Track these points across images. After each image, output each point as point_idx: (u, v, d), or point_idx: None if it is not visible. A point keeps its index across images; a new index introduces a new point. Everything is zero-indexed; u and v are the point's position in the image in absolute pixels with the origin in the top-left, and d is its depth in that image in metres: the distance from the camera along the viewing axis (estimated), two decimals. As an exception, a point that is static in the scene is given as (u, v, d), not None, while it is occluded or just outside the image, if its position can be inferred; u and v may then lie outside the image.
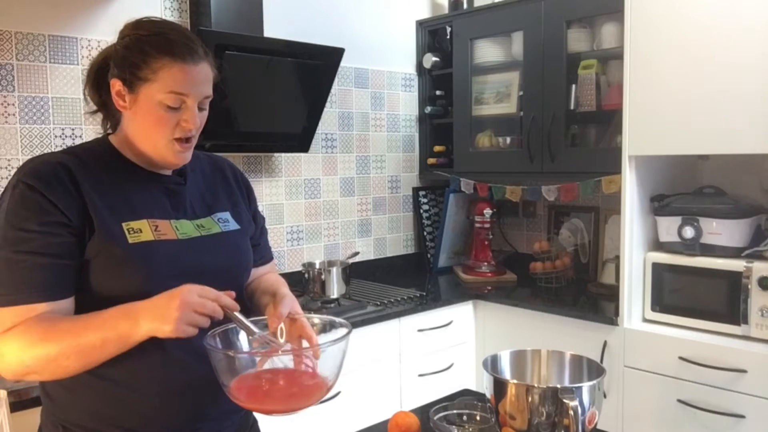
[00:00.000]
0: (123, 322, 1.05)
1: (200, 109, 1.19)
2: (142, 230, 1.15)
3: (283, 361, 1.11)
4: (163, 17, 2.43)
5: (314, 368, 1.11)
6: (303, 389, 1.09)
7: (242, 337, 1.16)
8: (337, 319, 1.23)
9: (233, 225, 1.31)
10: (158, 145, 1.17)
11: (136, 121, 1.17)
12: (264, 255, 1.46)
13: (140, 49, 1.13)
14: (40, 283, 1.08)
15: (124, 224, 1.14)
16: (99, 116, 1.27)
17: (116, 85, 1.16)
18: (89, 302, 1.13)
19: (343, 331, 1.14)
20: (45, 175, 1.10)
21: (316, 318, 1.25)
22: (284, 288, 1.33)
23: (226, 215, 1.32)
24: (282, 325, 1.18)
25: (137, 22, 1.18)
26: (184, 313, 1.03)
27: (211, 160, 1.40)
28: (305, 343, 1.17)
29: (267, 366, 1.13)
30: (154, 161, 1.20)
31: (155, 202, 1.21)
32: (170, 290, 1.06)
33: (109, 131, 1.26)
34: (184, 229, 1.22)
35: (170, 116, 1.14)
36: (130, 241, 1.13)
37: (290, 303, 1.21)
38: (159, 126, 1.15)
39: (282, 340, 1.17)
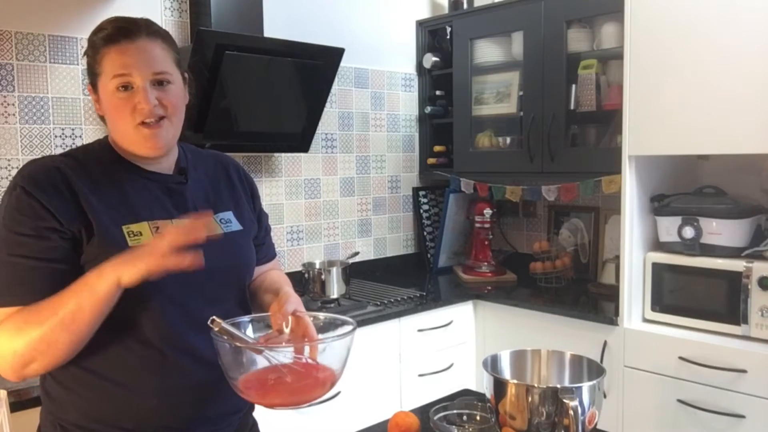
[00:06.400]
0: (90, 279, 1.05)
1: (161, 86, 1.17)
2: (142, 233, 1.15)
3: (286, 359, 1.11)
4: (163, 17, 2.46)
5: (316, 365, 1.11)
6: (308, 383, 1.10)
7: (250, 330, 1.17)
8: (342, 317, 1.23)
9: (236, 225, 1.31)
10: (127, 134, 1.17)
11: (107, 117, 1.19)
12: (268, 253, 1.46)
13: (91, 49, 1.18)
14: (32, 287, 1.08)
15: (124, 227, 1.14)
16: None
17: (90, 91, 1.21)
18: None
19: (348, 327, 1.15)
20: (41, 180, 1.11)
21: (321, 315, 1.25)
22: (287, 286, 1.33)
23: (229, 215, 1.31)
24: (288, 321, 1.17)
25: (95, 28, 1.20)
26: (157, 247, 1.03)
27: (216, 159, 1.40)
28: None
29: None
30: (136, 154, 1.20)
31: (156, 201, 1.21)
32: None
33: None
34: None
35: (124, 101, 1.14)
36: (130, 244, 1.13)
37: (295, 302, 1.21)
38: (118, 113, 1.15)
39: (286, 334, 1.17)
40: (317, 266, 2.62)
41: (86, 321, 1.05)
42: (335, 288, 2.56)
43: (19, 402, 1.59)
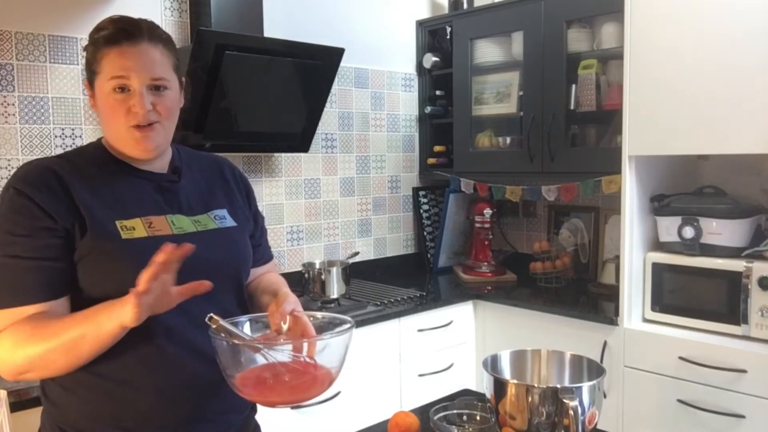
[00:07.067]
0: (100, 313, 1.06)
1: (158, 91, 1.17)
2: (135, 228, 1.16)
3: (284, 357, 1.11)
4: (163, 17, 2.46)
5: (314, 364, 1.11)
6: (306, 381, 1.10)
7: (248, 329, 1.17)
8: (340, 316, 1.23)
9: (230, 222, 1.31)
10: (119, 134, 1.18)
11: (101, 116, 1.20)
12: (264, 254, 1.46)
13: (91, 46, 1.18)
14: (30, 286, 1.09)
15: (117, 222, 1.15)
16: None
17: (86, 86, 1.22)
18: (84, 304, 1.13)
19: (345, 325, 1.15)
20: (33, 180, 1.12)
21: (319, 315, 1.25)
22: (285, 287, 1.33)
23: (223, 212, 1.32)
24: (286, 320, 1.17)
25: (96, 25, 1.21)
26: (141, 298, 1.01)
27: (210, 159, 1.41)
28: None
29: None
30: (127, 154, 1.21)
31: (148, 198, 1.22)
32: None
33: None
34: (181, 223, 1.22)
35: (120, 103, 1.15)
36: (123, 237, 1.14)
37: (293, 302, 1.21)
38: (113, 114, 1.16)
39: (284, 333, 1.17)
40: (317, 266, 2.62)
41: (87, 350, 1.07)
42: (335, 288, 2.55)
43: (19, 402, 1.59)
